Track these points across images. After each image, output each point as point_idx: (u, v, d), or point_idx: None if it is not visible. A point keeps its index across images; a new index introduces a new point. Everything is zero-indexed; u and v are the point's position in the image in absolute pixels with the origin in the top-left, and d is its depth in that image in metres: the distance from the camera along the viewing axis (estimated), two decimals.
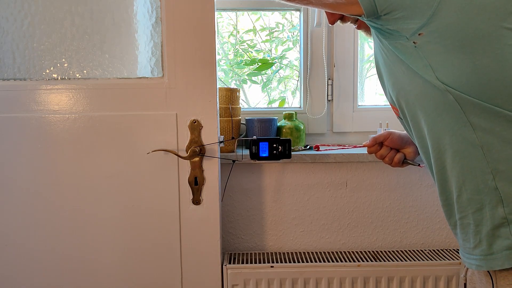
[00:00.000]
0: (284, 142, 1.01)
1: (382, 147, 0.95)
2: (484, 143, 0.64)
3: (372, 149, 0.96)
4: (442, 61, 0.64)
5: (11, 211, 1.09)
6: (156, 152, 1.03)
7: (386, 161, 0.96)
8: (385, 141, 0.95)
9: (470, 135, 0.65)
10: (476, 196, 0.67)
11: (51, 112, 1.07)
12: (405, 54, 0.68)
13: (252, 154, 1.00)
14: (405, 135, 0.96)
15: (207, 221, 1.08)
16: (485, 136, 0.64)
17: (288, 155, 1.01)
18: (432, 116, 0.68)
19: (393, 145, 0.95)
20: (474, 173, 0.66)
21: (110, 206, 1.08)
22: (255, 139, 1.01)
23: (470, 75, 0.63)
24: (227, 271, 1.15)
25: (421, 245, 1.32)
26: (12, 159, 1.08)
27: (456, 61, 0.63)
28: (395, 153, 0.95)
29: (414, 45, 0.66)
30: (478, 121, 0.64)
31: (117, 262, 1.10)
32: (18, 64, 1.09)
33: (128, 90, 1.06)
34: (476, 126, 0.64)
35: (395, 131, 0.96)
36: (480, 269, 0.69)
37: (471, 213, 0.68)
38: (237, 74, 1.61)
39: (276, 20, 1.57)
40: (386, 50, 0.73)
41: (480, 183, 0.66)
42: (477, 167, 0.65)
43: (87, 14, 1.07)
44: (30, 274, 1.11)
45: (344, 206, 1.30)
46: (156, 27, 1.06)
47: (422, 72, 0.66)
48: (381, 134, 0.96)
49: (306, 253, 1.27)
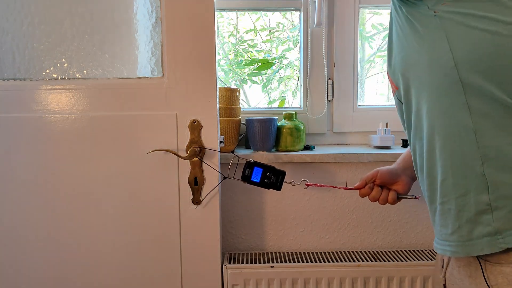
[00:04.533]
0: (279, 174, 0.99)
1: (373, 186, 0.95)
2: (478, 128, 0.63)
3: (363, 191, 0.96)
4: (460, 34, 0.62)
5: (11, 211, 1.09)
6: (156, 152, 1.03)
7: (380, 202, 0.96)
8: (375, 180, 0.95)
9: (466, 119, 0.64)
10: (462, 181, 0.66)
11: (51, 112, 1.07)
12: (423, 23, 0.67)
13: (244, 176, 0.98)
14: (393, 169, 0.96)
15: (207, 221, 1.08)
16: (480, 120, 0.63)
17: (278, 187, 0.99)
18: (434, 95, 0.67)
19: (384, 182, 0.95)
20: (463, 157, 0.65)
21: (110, 206, 1.09)
22: (251, 163, 0.99)
23: (486, 51, 0.61)
24: (227, 271, 1.15)
25: (421, 245, 1.32)
26: (11, 159, 1.08)
27: (475, 34, 0.61)
28: (387, 193, 0.95)
29: (434, 14, 0.64)
30: (477, 104, 0.63)
31: (117, 262, 1.10)
32: (18, 64, 1.09)
33: (128, 90, 1.06)
34: (474, 109, 0.63)
35: (382, 168, 0.96)
36: (456, 255, 0.69)
37: (454, 198, 0.67)
38: (237, 74, 1.61)
39: (276, 20, 1.57)
40: (402, 21, 0.71)
41: (467, 168, 0.65)
42: (467, 152, 0.65)
43: (87, 14, 1.07)
44: (30, 274, 1.11)
45: (344, 206, 1.30)
46: (156, 27, 1.06)
47: (436, 44, 0.64)
48: (369, 174, 0.96)
49: (306, 253, 1.27)
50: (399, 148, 1.35)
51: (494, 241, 0.64)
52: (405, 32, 0.71)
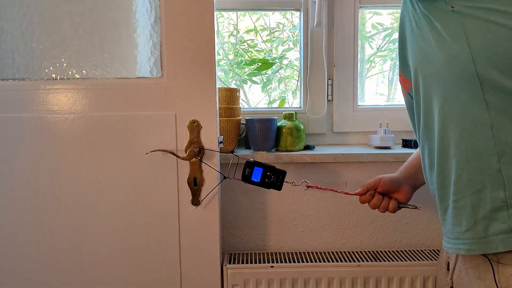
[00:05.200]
0: (279, 174, 0.98)
1: (375, 193, 0.94)
2: (495, 124, 0.63)
3: (364, 198, 0.95)
4: (477, 28, 0.61)
5: (11, 211, 1.09)
6: (155, 153, 1.03)
7: (380, 210, 0.95)
8: (377, 187, 0.94)
9: (483, 114, 0.63)
10: (477, 177, 0.65)
11: (50, 112, 1.07)
12: (440, 18, 0.66)
13: (244, 175, 0.97)
14: (396, 178, 0.95)
15: (207, 222, 1.08)
16: (497, 116, 0.62)
17: (279, 187, 0.98)
18: (449, 91, 0.66)
19: (386, 190, 0.94)
20: (479, 153, 0.65)
21: (109, 207, 1.08)
22: (251, 162, 0.97)
23: (504, 46, 0.60)
24: (227, 271, 1.15)
25: (421, 245, 1.32)
26: (11, 159, 1.08)
27: (493, 29, 0.60)
28: (388, 201, 0.94)
29: (452, 9, 0.64)
30: (494, 100, 0.62)
31: (116, 262, 1.10)
32: (17, 64, 1.09)
33: (127, 90, 1.06)
34: (491, 105, 0.62)
35: (385, 176, 0.95)
36: (471, 253, 0.68)
37: (469, 194, 0.67)
38: (237, 74, 1.60)
39: (276, 20, 1.57)
40: (418, 16, 0.71)
41: (484, 163, 0.64)
42: (483, 147, 0.64)
43: (86, 13, 1.07)
44: (29, 273, 1.11)
45: (344, 206, 1.30)
46: (155, 26, 1.06)
47: (453, 38, 0.63)
48: (371, 181, 0.95)
49: (306, 253, 1.26)
50: (399, 148, 1.35)
51: (509, 239, 0.63)
52: (422, 28, 0.70)
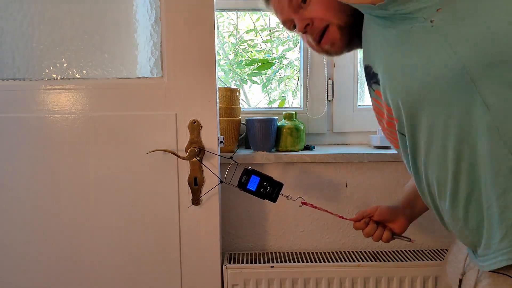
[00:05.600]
0: (276, 185, 0.97)
1: (369, 221, 0.93)
2: (499, 123, 0.62)
3: (358, 225, 0.94)
4: (459, 35, 0.61)
5: (10, 211, 1.09)
6: (155, 153, 1.03)
7: (373, 239, 0.94)
8: (372, 215, 0.93)
9: (484, 117, 0.62)
10: (498, 179, 0.64)
11: (50, 112, 1.07)
12: (419, 39, 0.65)
13: (240, 182, 0.97)
14: (393, 208, 0.94)
15: (207, 222, 1.08)
16: (499, 115, 0.62)
17: (274, 198, 0.97)
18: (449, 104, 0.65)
19: (382, 219, 0.93)
20: (493, 156, 0.63)
21: (109, 206, 1.08)
22: (249, 170, 0.96)
23: (486, 43, 0.60)
24: (227, 271, 1.15)
25: (421, 245, 1.32)
26: (11, 159, 1.08)
27: (472, 30, 0.60)
28: (382, 230, 0.93)
29: (431, 25, 0.63)
30: (494, 99, 0.61)
31: (116, 262, 1.10)
32: (17, 64, 1.09)
33: (127, 90, 1.06)
34: (491, 105, 0.61)
35: (383, 205, 0.94)
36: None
37: (495, 199, 0.65)
38: (237, 74, 1.60)
39: (276, 20, 1.57)
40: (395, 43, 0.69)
41: (501, 165, 0.63)
42: (494, 149, 0.63)
43: (86, 14, 1.07)
44: (29, 274, 1.11)
45: (344, 206, 1.30)
46: (156, 26, 1.06)
47: (438, 54, 0.63)
48: (368, 209, 0.94)
49: (306, 253, 1.26)
50: None
51: None
52: (401, 53, 0.68)
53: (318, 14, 0.83)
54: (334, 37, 0.83)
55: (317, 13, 0.83)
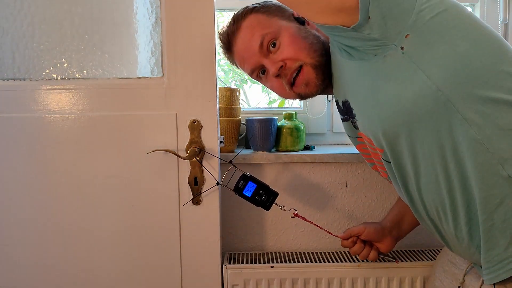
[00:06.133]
0: (271, 194, 0.99)
1: (357, 240, 0.97)
2: (483, 136, 0.63)
3: (346, 243, 0.98)
4: (429, 59, 0.63)
5: (10, 211, 1.09)
6: (155, 152, 1.03)
7: (360, 258, 0.97)
8: (360, 235, 0.96)
9: (468, 132, 0.64)
10: (492, 190, 0.65)
11: (50, 112, 1.07)
12: (393, 68, 0.66)
13: (237, 187, 0.99)
14: (380, 229, 0.97)
15: (207, 222, 1.08)
16: (483, 128, 0.63)
17: (267, 207, 1.00)
18: (430, 128, 0.66)
19: (369, 239, 0.96)
20: (484, 169, 0.64)
21: (110, 206, 1.08)
22: (247, 176, 0.98)
23: (455, 63, 0.63)
24: (227, 271, 1.15)
25: (421, 245, 1.32)
26: (11, 159, 1.08)
27: (440, 53, 0.63)
28: (369, 250, 0.97)
29: (402, 52, 0.64)
30: (473, 115, 0.63)
31: (116, 262, 1.10)
32: (17, 64, 1.09)
33: (128, 90, 1.06)
34: (471, 121, 0.63)
35: (371, 224, 0.97)
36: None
37: (494, 209, 0.65)
38: (237, 74, 1.60)
39: None
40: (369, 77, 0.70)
41: (493, 176, 0.64)
42: (484, 162, 0.64)
43: (87, 14, 1.07)
44: (30, 273, 1.11)
45: (344, 206, 1.30)
46: (156, 27, 1.06)
47: (413, 80, 0.64)
48: (355, 227, 0.97)
49: (306, 253, 1.27)
50: None
51: None
52: (377, 84, 0.69)
53: (290, 55, 0.82)
54: (308, 77, 0.83)
55: (289, 54, 0.82)
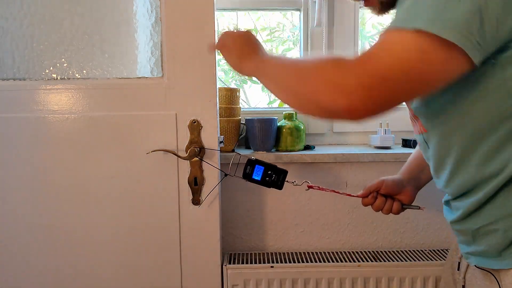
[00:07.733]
0: (280, 173, 0.97)
1: (377, 196, 0.93)
2: None
3: (367, 200, 0.94)
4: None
5: (10, 211, 1.09)
6: (155, 152, 1.03)
7: (384, 212, 0.94)
8: (379, 190, 0.93)
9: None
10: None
11: (50, 112, 1.07)
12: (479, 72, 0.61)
13: (245, 173, 0.96)
14: (399, 180, 0.94)
15: (207, 222, 1.08)
16: None
17: (279, 186, 0.97)
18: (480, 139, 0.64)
19: (389, 192, 0.93)
20: None
21: (110, 206, 1.08)
22: (253, 160, 0.96)
23: None
24: (227, 271, 1.15)
25: (421, 245, 1.32)
26: (11, 159, 1.08)
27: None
28: (391, 202, 0.93)
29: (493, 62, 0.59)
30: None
31: (116, 262, 1.10)
32: (17, 64, 1.09)
33: (127, 90, 1.06)
34: None
35: (388, 178, 0.94)
36: None
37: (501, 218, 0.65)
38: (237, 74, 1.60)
39: (277, 19, 1.57)
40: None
41: None
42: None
43: (86, 14, 1.07)
44: (30, 273, 1.11)
45: (344, 206, 1.30)
46: (156, 26, 1.06)
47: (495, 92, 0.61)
48: (374, 184, 0.94)
49: (306, 253, 1.26)
50: (399, 148, 1.35)
51: None
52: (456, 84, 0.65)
53: None
54: None
55: None
